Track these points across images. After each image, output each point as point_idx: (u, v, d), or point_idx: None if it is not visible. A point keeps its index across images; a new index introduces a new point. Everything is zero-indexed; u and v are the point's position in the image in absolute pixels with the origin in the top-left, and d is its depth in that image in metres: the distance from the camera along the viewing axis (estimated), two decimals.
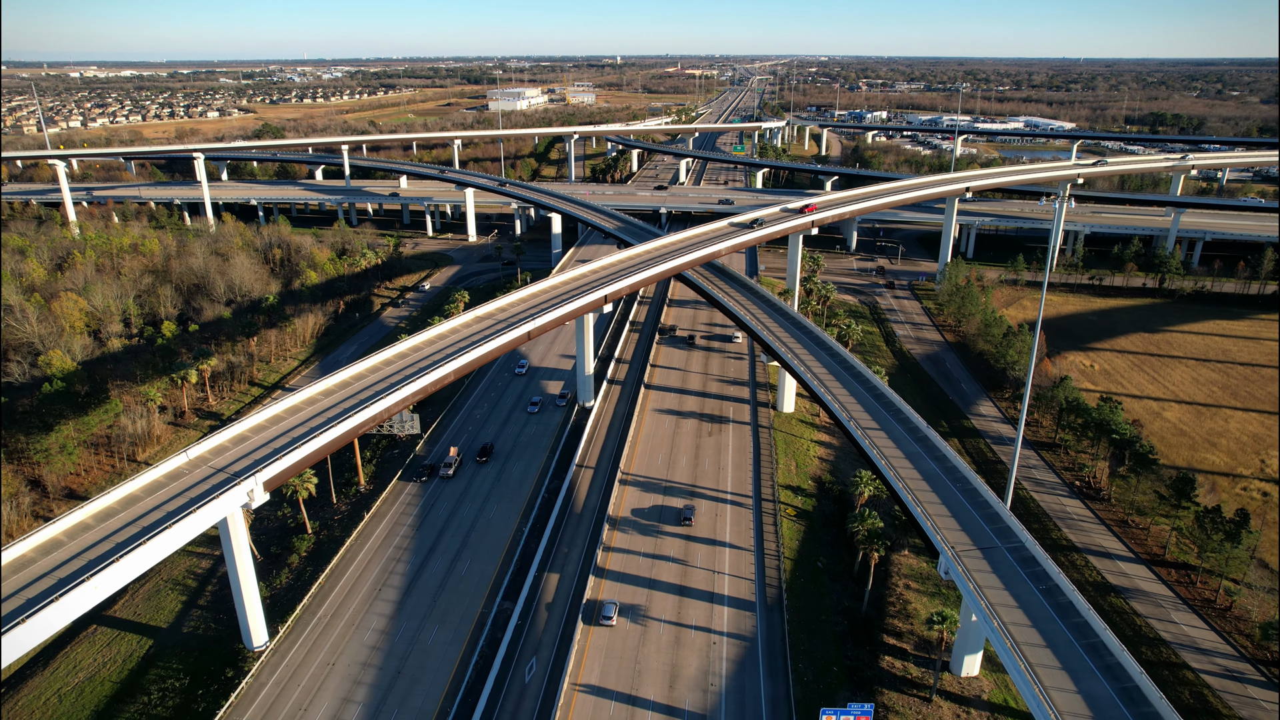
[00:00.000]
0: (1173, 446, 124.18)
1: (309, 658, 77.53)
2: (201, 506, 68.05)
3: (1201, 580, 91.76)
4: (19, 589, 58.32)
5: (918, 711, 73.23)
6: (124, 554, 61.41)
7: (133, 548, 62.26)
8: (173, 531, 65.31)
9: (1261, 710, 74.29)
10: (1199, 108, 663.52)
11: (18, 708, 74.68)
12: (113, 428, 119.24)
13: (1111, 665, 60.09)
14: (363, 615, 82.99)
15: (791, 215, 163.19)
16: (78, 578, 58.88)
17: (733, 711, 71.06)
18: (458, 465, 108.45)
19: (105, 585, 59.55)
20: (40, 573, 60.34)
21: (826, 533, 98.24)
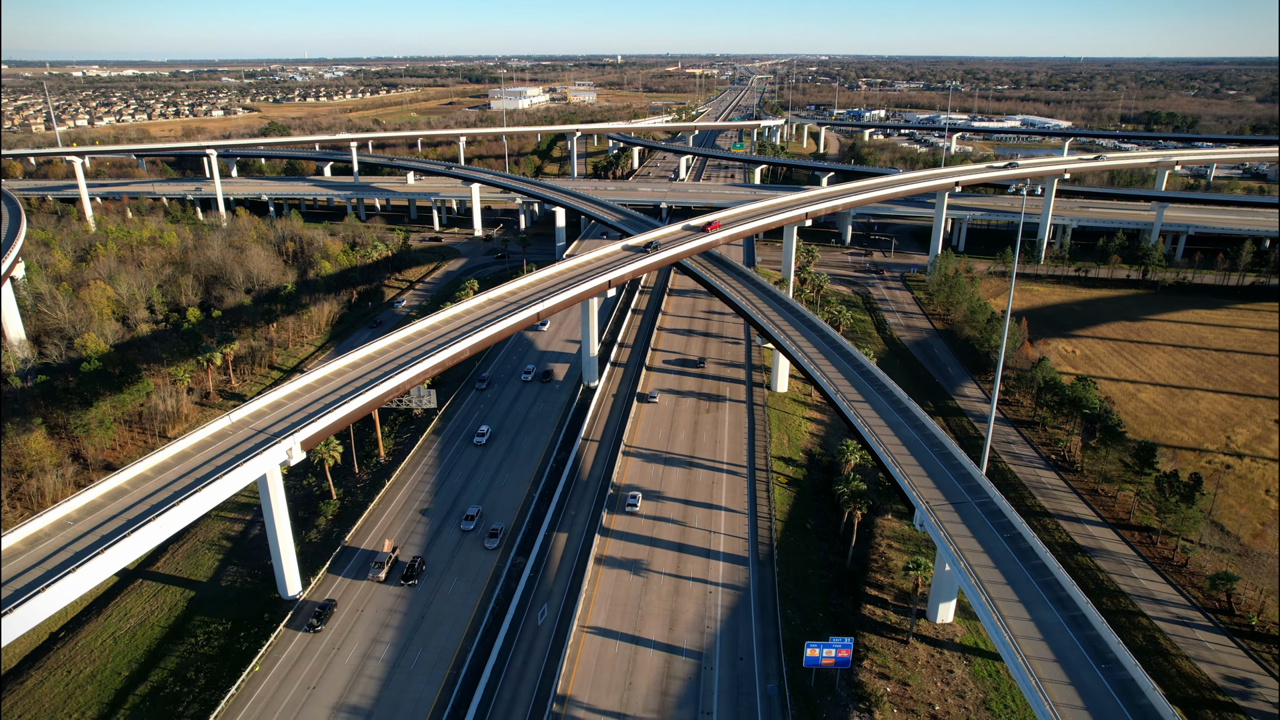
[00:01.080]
0: (1145, 424, 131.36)
1: (340, 606, 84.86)
2: (246, 462, 75.40)
3: (1161, 540, 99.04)
4: (95, 527, 65.73)
5: (895, 652, 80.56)
6: (182, 499, 68.81)
7: (189, 495, 69.64)
8: (221, 483, 72.63)
9: (1206, 650, 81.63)
10: (1194, 107, 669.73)
11: (77, 648, 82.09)
12: (145, 406, 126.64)
13: (1063, 598, 67.41)
14: None
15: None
16: (144, 519, 66.26)
17: (727, 649, 78.46)
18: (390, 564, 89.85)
19: (169, 525, 67.00)
20: (111, 514, 67.73)
21: (816, 499, 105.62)
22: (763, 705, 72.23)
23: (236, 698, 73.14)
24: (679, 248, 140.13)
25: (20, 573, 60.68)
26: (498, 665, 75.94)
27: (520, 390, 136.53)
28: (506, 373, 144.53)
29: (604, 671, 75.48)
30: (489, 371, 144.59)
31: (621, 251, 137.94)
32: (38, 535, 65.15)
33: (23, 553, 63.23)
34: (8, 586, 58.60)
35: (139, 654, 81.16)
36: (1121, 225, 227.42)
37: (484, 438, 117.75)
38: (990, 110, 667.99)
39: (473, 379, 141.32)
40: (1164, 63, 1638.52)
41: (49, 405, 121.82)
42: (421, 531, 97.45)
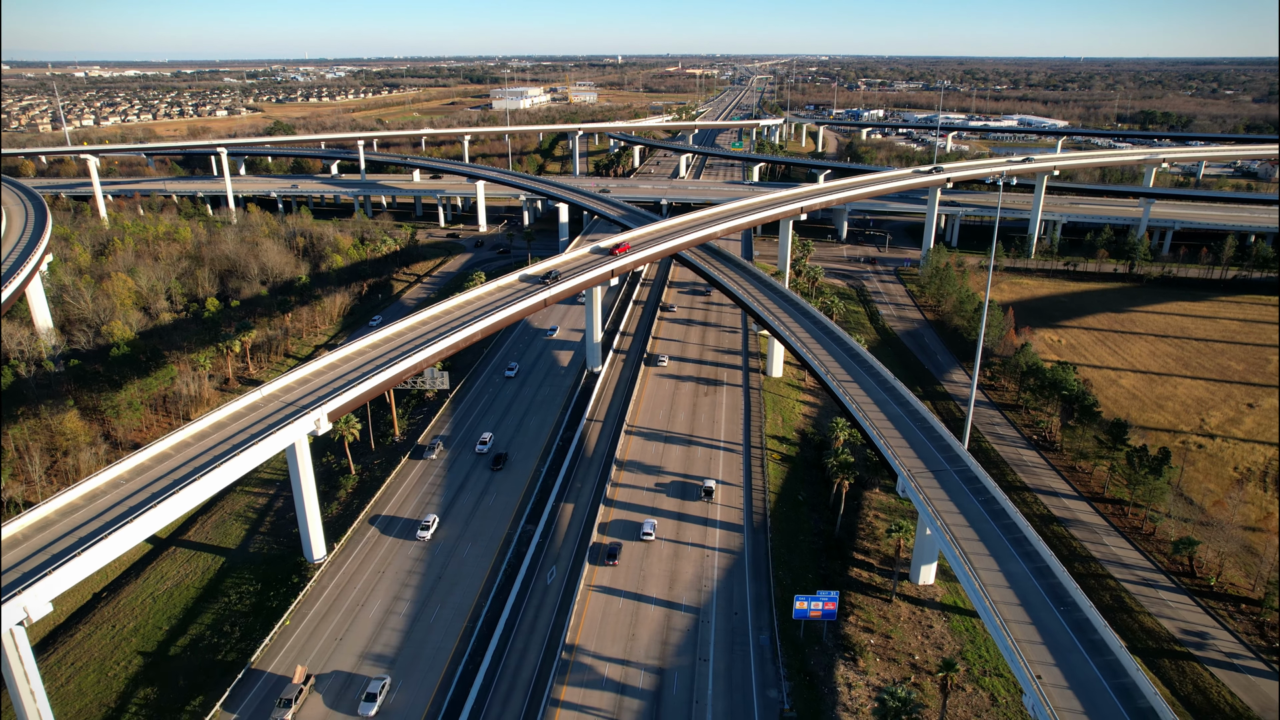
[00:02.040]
0: (1124, 408, 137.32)
1: (362, 567, 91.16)
2: (277, 431, 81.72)
3: (1131, 512, 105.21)
4: (145, 485, 72.05)
5: (879, 610, 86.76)
6: (223, 462, 75.21)
7: (228, 459, 76.02)
8: (255, 449, 78.99)
9: (1167, 608, 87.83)
10: (1191, 106, 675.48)
11: (120, 606, 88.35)
12: (169, 390, 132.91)
13: (1030, 552, 73.65)
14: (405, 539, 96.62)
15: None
16: (189, 479, 72.59)
17: (722, 605, 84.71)
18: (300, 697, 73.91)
19: (212, 485, 73.49)
20: (159, 474, 74.05)
21: (807, 473, 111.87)
22: (755, 654, 78.46)
23: (270, 647, 79.37)
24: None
25: (84, 523, 67.01)
26: (511, 619, 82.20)
27: (529, 375, 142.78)
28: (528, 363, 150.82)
29: (609, 624, 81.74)
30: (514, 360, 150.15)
31: (518, 283, 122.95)
32: (95, 492, 71.54)
33: (81, 508, 69.56)
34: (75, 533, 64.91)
35: (177, 611, 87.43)
36: (1110, 221, 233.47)
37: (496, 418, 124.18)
38: (988, 110, 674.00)
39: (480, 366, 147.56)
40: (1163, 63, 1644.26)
41: (80, 389, 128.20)
42: (437, 501, 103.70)
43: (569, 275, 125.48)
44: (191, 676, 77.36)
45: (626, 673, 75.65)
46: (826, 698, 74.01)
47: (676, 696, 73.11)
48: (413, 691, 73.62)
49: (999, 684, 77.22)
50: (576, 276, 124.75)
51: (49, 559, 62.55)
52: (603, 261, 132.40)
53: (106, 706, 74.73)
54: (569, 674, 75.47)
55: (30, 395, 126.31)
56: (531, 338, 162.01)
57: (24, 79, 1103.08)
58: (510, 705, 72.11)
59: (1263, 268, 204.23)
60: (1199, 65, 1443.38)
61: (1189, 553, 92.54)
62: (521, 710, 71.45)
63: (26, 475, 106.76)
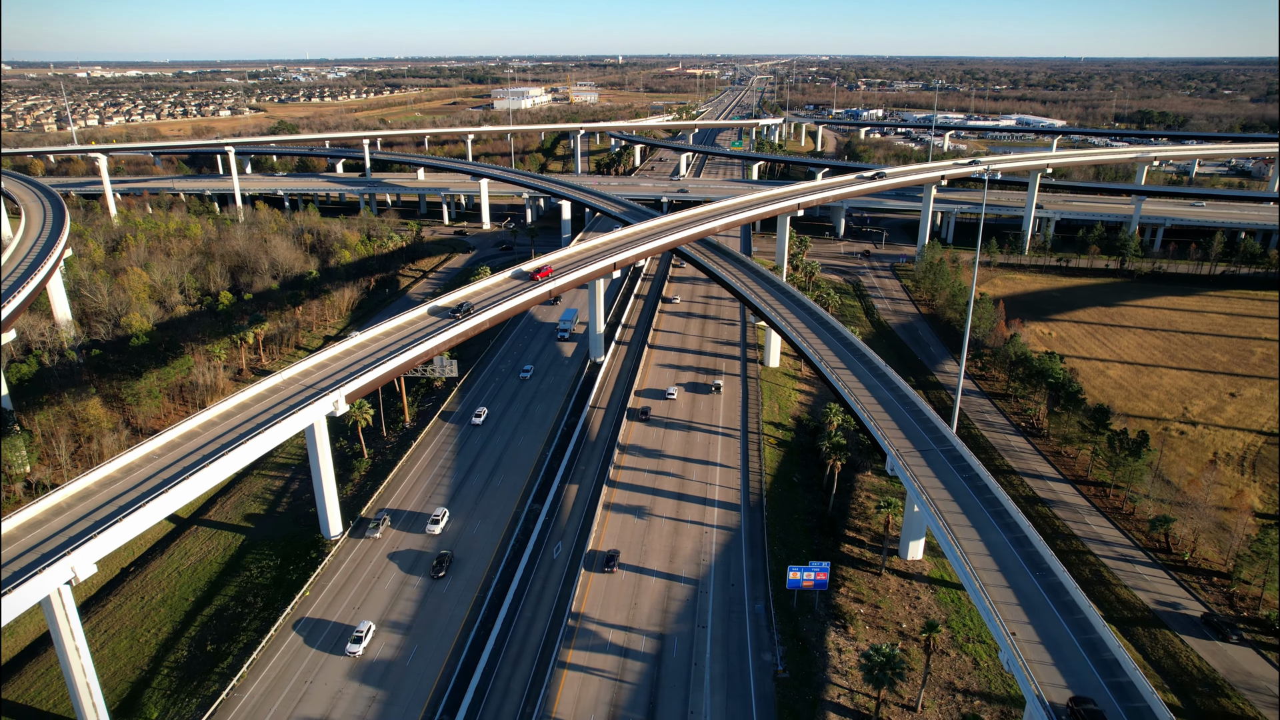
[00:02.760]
0: (1110, 397, 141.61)
1: (377, 543, 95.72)
2: (298, 411, 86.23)
3: (1112, 493, 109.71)
4: (176, 460, 76.66)
5: (869, 582, 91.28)
6: (248, 439, 79.76)
7: (253, 436, 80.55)
8: (277, 428, 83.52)
9: (1143, 581, 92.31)
10: (1188, 106, 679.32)
11: (147, 579, 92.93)
12: (186, 380, 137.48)
13: (1010, 524, 78.09)
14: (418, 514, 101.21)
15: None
16: (218, 454, 77.24)
17: (720, 577, 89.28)
18: None
19: (239, 460, 78.19)
20: (188, 450, 78.66)
21: (802, 457, 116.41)
22: (751, 621, 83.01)
23: (292, 616, 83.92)
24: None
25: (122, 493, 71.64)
26: (519, 590, 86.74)
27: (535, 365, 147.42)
28: (518, 352, 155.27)
29: (613, 594, 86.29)
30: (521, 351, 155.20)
31: (427, 317, 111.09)
32: (130, 466, 76.11)
33: (119, 479, 74.17)
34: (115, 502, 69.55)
35: (201, 584, 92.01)
36: (1103, 218, 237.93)
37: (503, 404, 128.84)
38: (987, 110, 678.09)
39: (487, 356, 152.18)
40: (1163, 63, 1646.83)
41: (101, 377, 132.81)
42: (446, 485, 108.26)
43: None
44: (218, 641, 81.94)
45: (629, 638, 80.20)
46: (818, 661, 78.51)
47: (676, 659, 77.65)
48: (428, 652, 78.17)
49: (981, 650, 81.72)
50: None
51: (92, 525, 67.14)
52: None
53: (140, 669, 79.32)
54: (575, 639, 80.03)
55: (54, 384, 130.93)
56: (536, 329, 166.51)
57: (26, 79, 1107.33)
58: (520, 666, 76.67)
59: (1250, 263, 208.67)
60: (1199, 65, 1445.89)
61: (1165, 529, 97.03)
62: (531, 670, 76.01)
63: (55, 459, 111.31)
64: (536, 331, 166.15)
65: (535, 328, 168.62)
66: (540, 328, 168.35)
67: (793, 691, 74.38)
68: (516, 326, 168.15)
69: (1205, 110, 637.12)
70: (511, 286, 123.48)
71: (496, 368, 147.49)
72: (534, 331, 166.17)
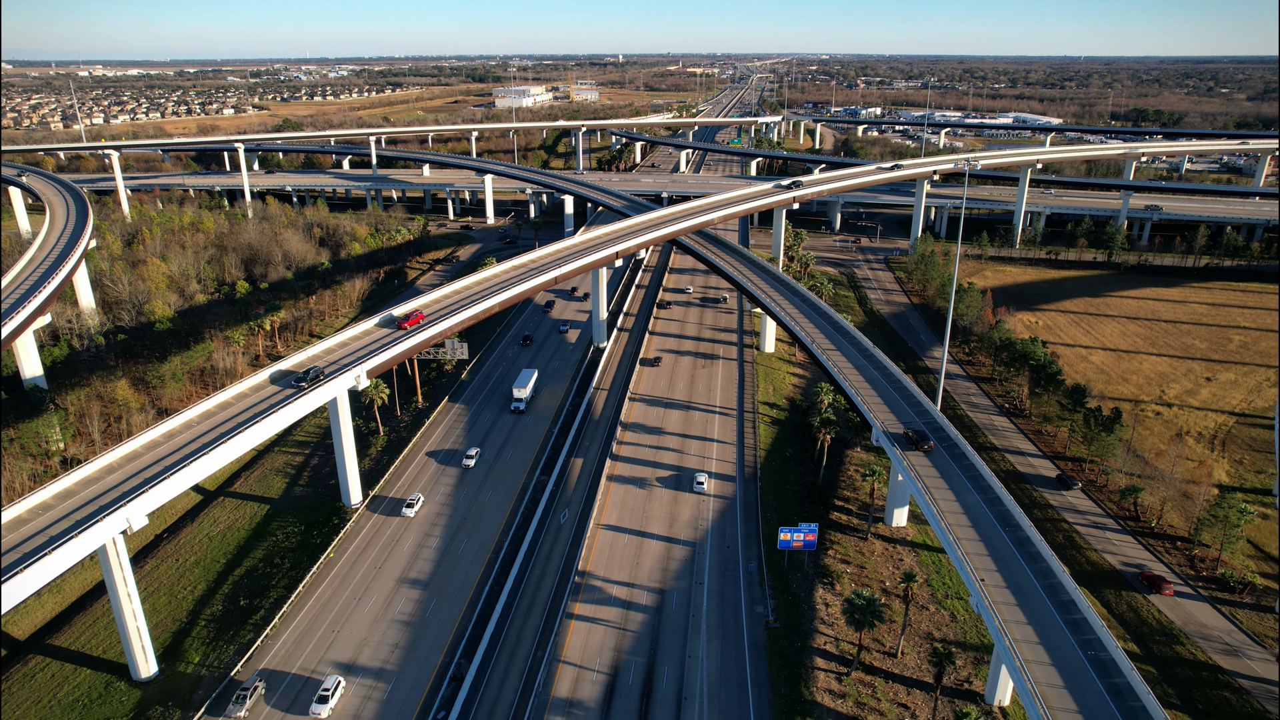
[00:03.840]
0: (1092, 381, 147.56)
1: (396, 508, 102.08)
2: (325, 384, 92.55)
3: (1088, 467, 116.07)
4: (215, 425, 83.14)
5: (856, 546, 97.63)
6: (281, 408, 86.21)
7: (284, 405, 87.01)
8: (306, 399, 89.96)
9: (1112, 545, 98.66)
10: (1185, 104, 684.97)
11: (180, 544, 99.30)
12: (207, 364, 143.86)
13: (984, 486, 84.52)
14: (433, 485, 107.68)
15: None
16: (255, 419, 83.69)
17: (716, 540, 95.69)
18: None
19: (273, 426, 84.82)
20: (226, 417, 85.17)
21: (795, 435, 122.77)
22: (745, 579, 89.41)
23: (318, 575, 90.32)
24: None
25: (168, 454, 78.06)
26: (529, 551, 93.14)
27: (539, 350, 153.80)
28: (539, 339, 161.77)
29: (616, 555, 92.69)
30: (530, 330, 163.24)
31: (266, 384, 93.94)
32: (172, 432, 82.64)
33: (163, 444, 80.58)
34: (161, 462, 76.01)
35: (231, 548, 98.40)
36: (1092, 212, 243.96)
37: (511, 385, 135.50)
38: (985, 108, 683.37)
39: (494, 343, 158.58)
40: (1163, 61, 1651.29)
41: (127, 361, 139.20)
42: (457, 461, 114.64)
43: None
44: (250, 597, 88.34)
45: (632, 593, 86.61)
46: (806, 613, 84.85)
47: (675, 611, 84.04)
48: (446, 604, 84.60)
49: (959, 605, 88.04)
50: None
51: (141, 481, 73.56)
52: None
53: (179, 621, 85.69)
54: (581, 594, 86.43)
55: (83, 367, 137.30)
56: (541, 319, 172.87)
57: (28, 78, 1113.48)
58: (531, 617, 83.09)
59: (1233, 256, 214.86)
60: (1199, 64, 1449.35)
61: (1134, 499, 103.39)
62: (541, 621, 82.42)
63: (88, 435, 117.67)
64: (541, 320, 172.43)
65: (539, 318, 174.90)
66: (544, 318, 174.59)
67: (783, 639, 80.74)
68: (522, 315, 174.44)
69: (1201, 109, 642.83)
70: (376, 339, 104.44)
71: (504, 352, 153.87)
72: (539, 320, 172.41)
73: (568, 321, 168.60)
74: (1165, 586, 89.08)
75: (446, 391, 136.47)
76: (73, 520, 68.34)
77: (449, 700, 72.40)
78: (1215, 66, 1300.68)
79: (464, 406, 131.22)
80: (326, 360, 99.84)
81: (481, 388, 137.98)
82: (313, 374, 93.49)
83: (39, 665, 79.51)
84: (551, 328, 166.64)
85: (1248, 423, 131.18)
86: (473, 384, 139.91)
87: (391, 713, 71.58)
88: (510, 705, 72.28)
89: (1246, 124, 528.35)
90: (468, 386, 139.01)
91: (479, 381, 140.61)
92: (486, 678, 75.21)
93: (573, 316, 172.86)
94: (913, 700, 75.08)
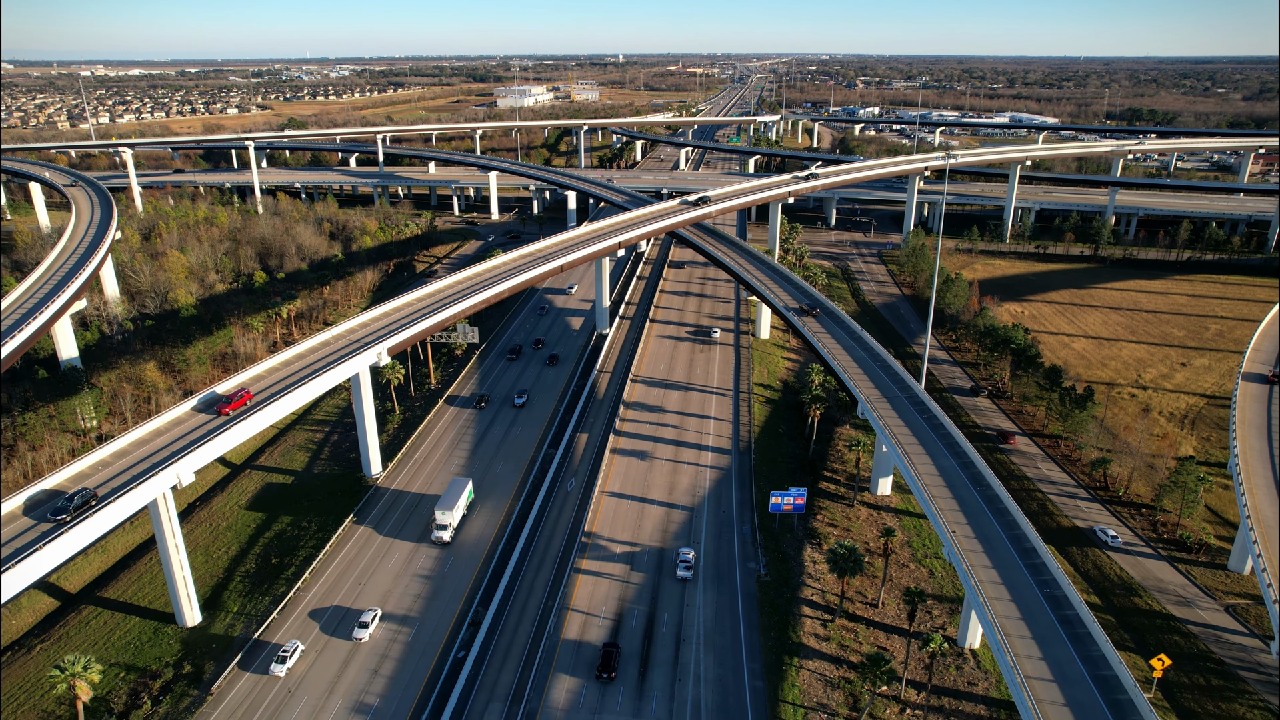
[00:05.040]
0: (1072, 366, 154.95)
1: (413, 479, 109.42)
2: (350, 359, 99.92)
3: (1063, 443, 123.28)
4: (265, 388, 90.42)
5: (843, 512, 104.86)
6: (312, 379, 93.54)
7: (315, 376, 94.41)
8: (334, 372, 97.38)
9: (1081, 512, 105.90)
10: (1180, 104, 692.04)
11: (213, 510, 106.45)
12: (229, 349, 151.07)
13: (959, 452, 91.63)
14: (448, 457, 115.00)
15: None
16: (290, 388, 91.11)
17: (712, 506, 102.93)
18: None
19: (308, 394, 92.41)
20: (264, 386, 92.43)
21: (788, 413, 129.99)
22: (739, 539, 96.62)
23: (343, 536, 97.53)
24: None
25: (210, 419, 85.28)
26: (539, 514, 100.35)
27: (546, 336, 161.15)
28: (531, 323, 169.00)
29: (619, 518, 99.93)
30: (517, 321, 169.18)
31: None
32: None
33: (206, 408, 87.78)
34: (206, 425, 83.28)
35: (260, 514, 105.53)
36: (1080, 208, 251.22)
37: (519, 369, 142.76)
38: (982, 107, 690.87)
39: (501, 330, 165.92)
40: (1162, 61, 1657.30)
41: (153, 345, 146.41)
42: (470, 437, 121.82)
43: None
44: (281, 556, 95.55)
45: (634, 551, 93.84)
46: (795, 569, 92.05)
47: (675, 566, 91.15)
48: (463, 561, 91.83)
49: (937, 564, 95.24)
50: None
51: (189, 442, 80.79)
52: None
53: (216, 577, 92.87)
54: (588, 552, 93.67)
55: (112, 351, 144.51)
56: (546, 307, 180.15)
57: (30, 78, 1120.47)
58: (542, 572, 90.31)
59: (1215, 249, 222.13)
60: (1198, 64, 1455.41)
61: (1104, 469, 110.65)
62: (551, 575, 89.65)
63: (121, 413, 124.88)
64: (547, 308, 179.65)
65: (545, 306, 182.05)
66: (549, 306, 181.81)
67: (773, 590, 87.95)
68: (527, 305, 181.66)
69: (1195, 108, 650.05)
70: (195, 425, 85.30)
71: (512, 338, 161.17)
72: (544, 310, 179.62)
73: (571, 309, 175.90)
74: (1012, 438, 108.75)
75: (458, 374, 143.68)
76: (130, 475, 75.54)
77: (468, 641, 79.65)
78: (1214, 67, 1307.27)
79: (475, 387, 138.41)
80: (349, 339, 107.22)
81: (493, 368, 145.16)
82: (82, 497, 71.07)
83: (92, 614, 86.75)
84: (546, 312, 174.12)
85: (1217, 404, 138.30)
86: (484, 366, 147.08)
87: (416, 651, 78.82)
88: (524, 645, 79.53)
89: (1240, 123, 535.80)
90: (479, 368, 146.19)
91: (489, 364, 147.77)
92: (502, 623, 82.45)
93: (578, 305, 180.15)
94: (891, 644, 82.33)
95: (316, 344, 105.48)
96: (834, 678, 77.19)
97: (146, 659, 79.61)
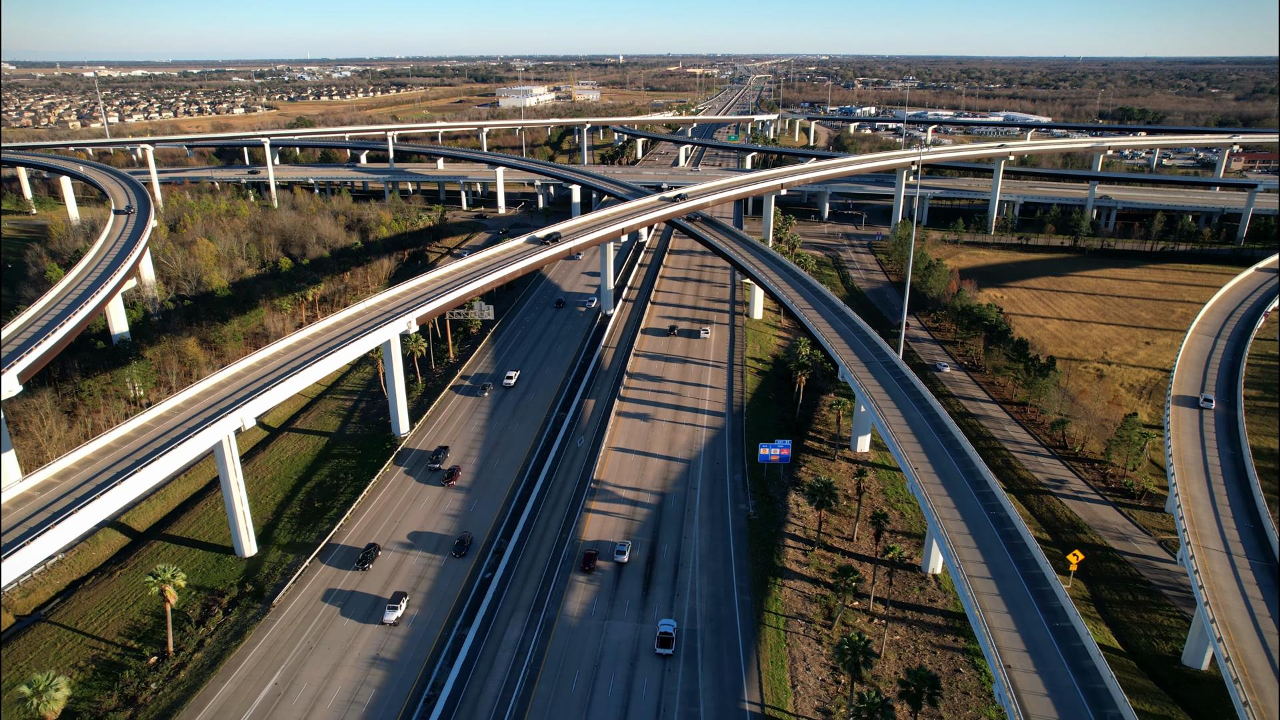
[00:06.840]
0: (1045, 345, 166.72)
1: (439, 436, 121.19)
2: (380, 327, 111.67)
3: (1030, 409, 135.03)
4: (302, 353, 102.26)
5: (825, 465, 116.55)
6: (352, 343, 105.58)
7: (354, 340, 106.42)
8: (369, 337, 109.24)
9: (1041, 466, 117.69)
10: (1172, 103, 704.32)
11: (256, 465, 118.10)
12: (260, 328, 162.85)
13: (927, 407, 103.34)
14: (469, 419, 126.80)
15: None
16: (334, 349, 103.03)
17: (707, 458, 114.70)
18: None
19: (349, 354, 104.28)
20: (310, 348, 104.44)
21: (777, 384, 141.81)
22: (730, 486, 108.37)
23: (378, 484, 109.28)
24: None
25: (269, 372, 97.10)
26: (552, 466, 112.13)
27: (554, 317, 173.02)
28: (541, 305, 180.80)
29: (624, 469, 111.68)
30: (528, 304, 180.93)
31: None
32: (267, 359, 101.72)
33: (258, 368, 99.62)
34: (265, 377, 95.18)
35: (300, 468, 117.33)
36: (1062, 201, 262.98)
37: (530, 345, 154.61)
38: (978, 107, 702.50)
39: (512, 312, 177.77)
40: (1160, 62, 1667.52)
41: (191, 324, 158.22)
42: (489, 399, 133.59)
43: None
44: (323, 500, 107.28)
45: (638, 495, 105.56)
46: (780, 510, 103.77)
47: (673, 508, 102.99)
48: (485, 505, 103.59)
49: (908, 508, 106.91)
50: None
51: (251, 391, 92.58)
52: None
53: (265, 519, 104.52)
54: (597, 496, 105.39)
55: (154, 329, 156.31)
56: (554, 291, 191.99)
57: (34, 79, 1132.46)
58: (556, 512, 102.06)
59: (1188, 240, 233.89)
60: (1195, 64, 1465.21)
61: (1062, 430, 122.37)
62: (564, 514, 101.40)
63: (167, 383, 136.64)
64: (554, 293, 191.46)
65: (552, 290, 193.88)
66: (555, 290, 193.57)
67: (760, 527, 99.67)
68: (536, 289, 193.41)
69: (1187, 108, 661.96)
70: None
71: (523, 319, 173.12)
72: (551, 292, 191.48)
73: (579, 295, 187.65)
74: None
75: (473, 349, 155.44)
76: (202, 418, 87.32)
77: (494, 565, 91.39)
78: (1211, 67, 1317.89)
79: (490, 359, 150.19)
80: (380, 310, 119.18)
81: (507, 344, 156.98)
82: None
83: (160, 548, 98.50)
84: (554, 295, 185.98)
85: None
86: (498, 342, 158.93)
87: (447, 576, 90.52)
88: (542, 569, 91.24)
89: (1228, 122, 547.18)
90: (493, 344, 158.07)
91: (503, 341, 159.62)
92: (522, 551, 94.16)
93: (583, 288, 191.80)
94: (863, 569, 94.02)
95: (353, 313, 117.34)
96: (812, 594, 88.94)
97: (214, 581, 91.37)
